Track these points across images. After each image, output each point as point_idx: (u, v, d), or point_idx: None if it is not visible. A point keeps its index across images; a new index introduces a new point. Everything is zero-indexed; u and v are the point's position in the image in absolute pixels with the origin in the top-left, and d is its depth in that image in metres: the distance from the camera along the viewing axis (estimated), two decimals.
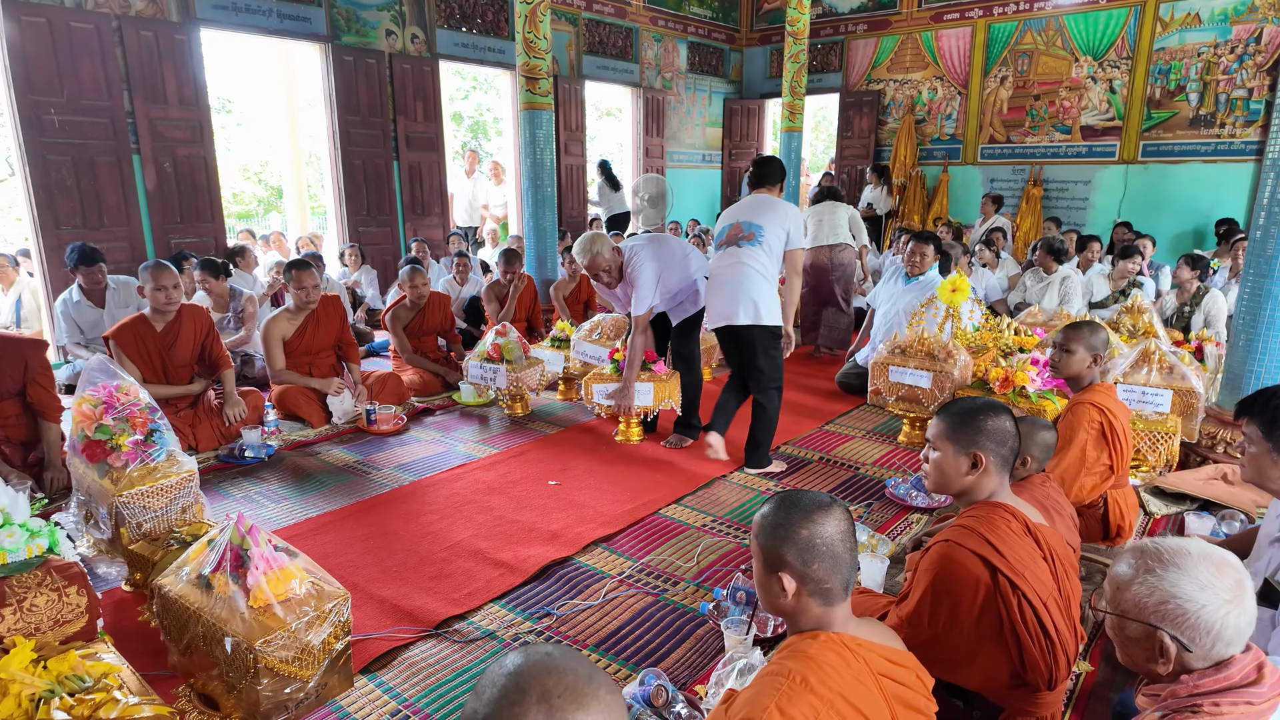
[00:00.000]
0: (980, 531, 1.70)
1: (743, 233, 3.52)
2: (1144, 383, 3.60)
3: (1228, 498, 3.16)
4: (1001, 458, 1.78)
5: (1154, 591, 1.22)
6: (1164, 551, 1.24)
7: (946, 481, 1.83)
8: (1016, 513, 1.76)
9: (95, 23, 5.72)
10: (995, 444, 1.77)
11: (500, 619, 2.45)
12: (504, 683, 0.83)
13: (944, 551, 1.71)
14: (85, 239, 5.47)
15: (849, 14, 10.76)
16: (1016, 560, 1.67)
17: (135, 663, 1.97)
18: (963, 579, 1.67)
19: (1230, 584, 1.20)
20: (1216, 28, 8.30)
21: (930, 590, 1.71)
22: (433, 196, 8.28)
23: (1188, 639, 1.20)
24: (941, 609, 1.70)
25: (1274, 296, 3.47)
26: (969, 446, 1.78)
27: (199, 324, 3.86)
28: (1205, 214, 8.55)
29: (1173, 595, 1.20)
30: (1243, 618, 1.19)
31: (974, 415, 1.79)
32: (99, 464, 2.49)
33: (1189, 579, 1.20)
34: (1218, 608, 1.19)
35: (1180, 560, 1.22)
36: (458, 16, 8.17)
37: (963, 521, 1.76)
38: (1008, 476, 1.83)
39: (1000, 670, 1.69)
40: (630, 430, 3.94)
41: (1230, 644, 1.20)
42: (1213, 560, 1.21)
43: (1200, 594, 1.19)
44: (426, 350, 5.13)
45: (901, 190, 10.50)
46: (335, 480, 3.55)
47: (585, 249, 3.80)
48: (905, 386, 3.97)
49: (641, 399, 3.83)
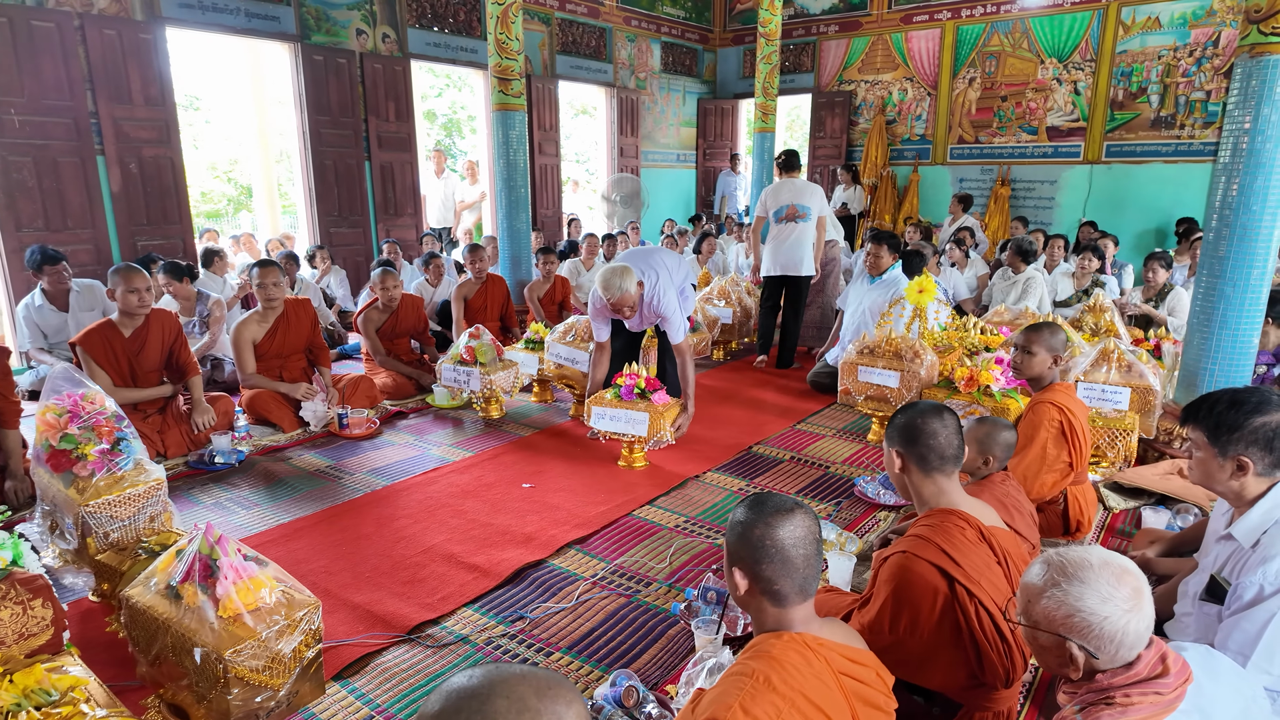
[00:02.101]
0: (936, 541, 1.75)
1: (798, 213, 5.42)
2: (1104, 381, 3.70)
3: (1183, 492, 3.25)
4: (919, 456, 1.85)
5: (1060, 605, 1.30)
6: (1067, 565, 1.32)
7: (897, 483, 1.95)
8: (970, 519, 1.81)
9: (57, 21, 5.61)
10: (906, 443, 1.86)
11: (474, 623, 2.46)
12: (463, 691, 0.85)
13: (902, 562, 1.75)
14: (48, 241, 5.38)
15: (820, 15, 10.86)
16: (972, 568, 1.72)
17: (103, 674, 1.95)
18: (921, 589, 1.72)
19: (1128, 593, 1.28)
20: (1176, 31, 8.51)
21: (891, 599, 1.76)
22: (405, 196, 8.23)
23: (1094, 647, 1.28)
24: (902, 617, 1.74)
25: (1226, 296, 3.57)
26: (889, 445, 1.91)
27: (167, 329, 3.82)
28: (1167, 213, 8.76)
29: (1077, 609, 1.28)
30: (1142, 623, 1.28)
31: (896, 417, 1.91)
32: (64, 474, 2.46)
33: (1091, 592, 1.28)
34: (1119, 618, 1.27)
35: (1083, 574, 1.29)
36: (429, 16, 8.12)
37: (918, 531, 1.80)
38: (949, 478, 1.87)
39: (958, 671, 1.74)
40: (634, 456, 3.75)
41: (1133, 647, 1.28)
42: (1112, 570, 1.29)
43: (1102, 606, 1.27)
44: (399, 352, 5.11)
45: (873, 190, 10.63)
46: (307, 485, 3.53)
47: (615, 286, 3.67)
48: (874, 386, 4.03)
49: (635, 429, 3.66)
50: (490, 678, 0.86)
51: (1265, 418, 1.78)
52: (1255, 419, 1.78)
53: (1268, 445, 1.77)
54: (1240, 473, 1.80)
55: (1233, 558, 1.82)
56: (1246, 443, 1.78)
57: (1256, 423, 1.78)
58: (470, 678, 0.86)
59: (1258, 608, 1.68)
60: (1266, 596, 1.67)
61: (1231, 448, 1.80)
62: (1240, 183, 3.45)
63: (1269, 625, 1.65)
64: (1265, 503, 1.79)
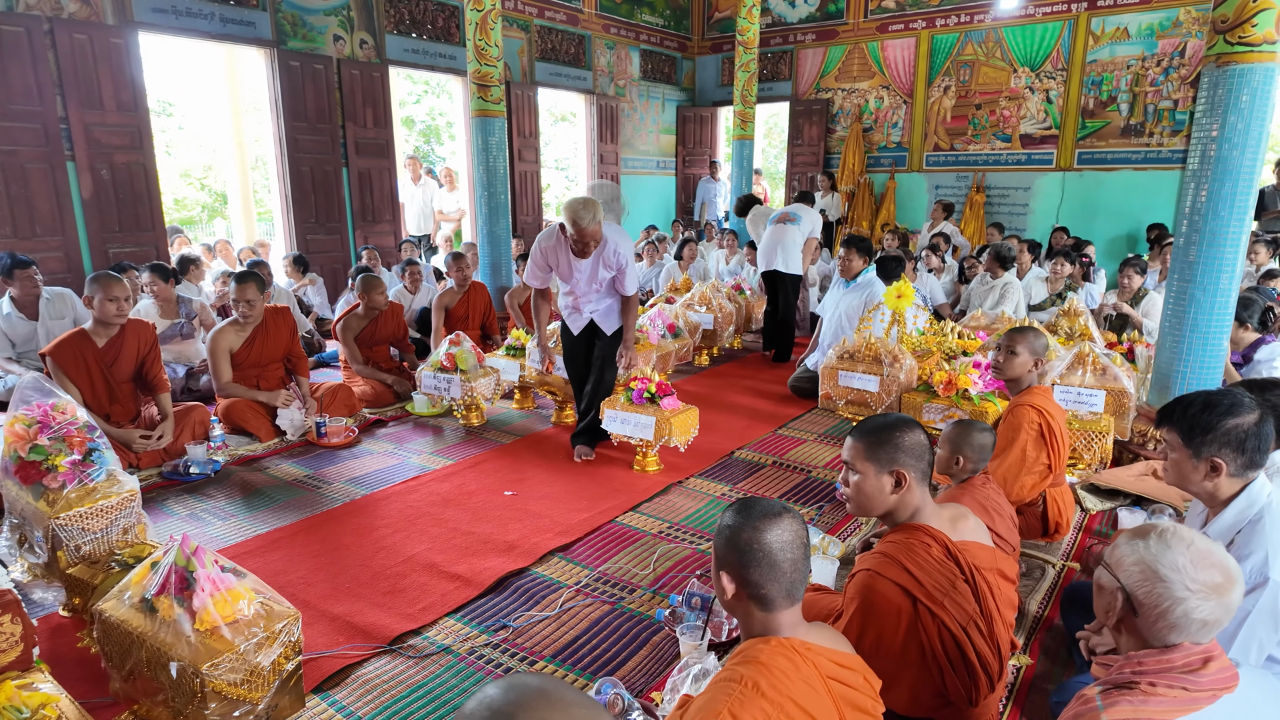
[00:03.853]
0: (900, 560, 1.72)
1: (790, 217, 6.00)
2: (1079, 384, 3.76)
3: (1158, 493, 3.31)
4: (921, 473, 1.78)
5: (1134, 552, 1.32)
6: (1169, 531, 1.32)
7: (870, 503, 1.79)
8: (937, 535, 1.77)
9: (26, 25, 5.51)
10: (915, 460, 1.75)
11: (456, 633, 2.43)
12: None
13: (866, 581, 1.73)
14: (16, 250, 5.27)
15: (797, 24, 10.96)
16: (935, 588, 1.70)
17: (74, 691, 1.91)
18: (884, 609, 1.70)
19: (1205, 579, 1.26)
20: (1144, 42, 8.70)
21: (857, 615, 1.74)
22: (383, 203, 8.17)
23: (1137, 603, 1.29)
24: (868, 634, 1.73)
25: (1197, 300, 3.65)
26: (890, 465, 1.75)
27: (143, 340, 3.75)
28: (1138, 219, 8.94)
29: (1143, 561, 1.29)
30: (1205, 613, 1.25)
31: (890, 433, 1.77)
32: (34, 485, 2.40)
33: (1169, 556, 1.28)
34: (1178, 590, 1.26)
35: (1175, 542, 1.30)
36: (407, 22, 8.09)
37: (883, 549, 1.77)
38: (928, 491, 1.84)
39: (925, 692, 1.74)
40: (647, 460, 3.75)
41: (1180, 631, 1.26)
42: (1203, 555, 1.28)
43: (1170, 573, 1.27)
44: (378, 360, 5.06)
45: (850, 197, 10.73)
46: (285, 495, 3.48)
47: (587, 218, 3.52)
48: (854, 390, 4.06)
49: (641, 432, 3.69)
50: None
51: (1237, 419, 1.81)
52: (1228, 421, 1.81)
53: (1239, 446, 1.80)
54: (1214, 474, 1.83)
55: None
56: (1219, 444, 1.81)
57: (1229, 424, 1.81)
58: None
59: None
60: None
61: (1205, 449, 1.83)
62: (1209, 189, 3.53)
63: (1243, 624, 1.67)
64: (1238, 503, 1.82)
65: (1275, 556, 1.69)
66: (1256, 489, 1.82)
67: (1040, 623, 2.48)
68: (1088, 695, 1.31)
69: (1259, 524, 1.76)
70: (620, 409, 3.72)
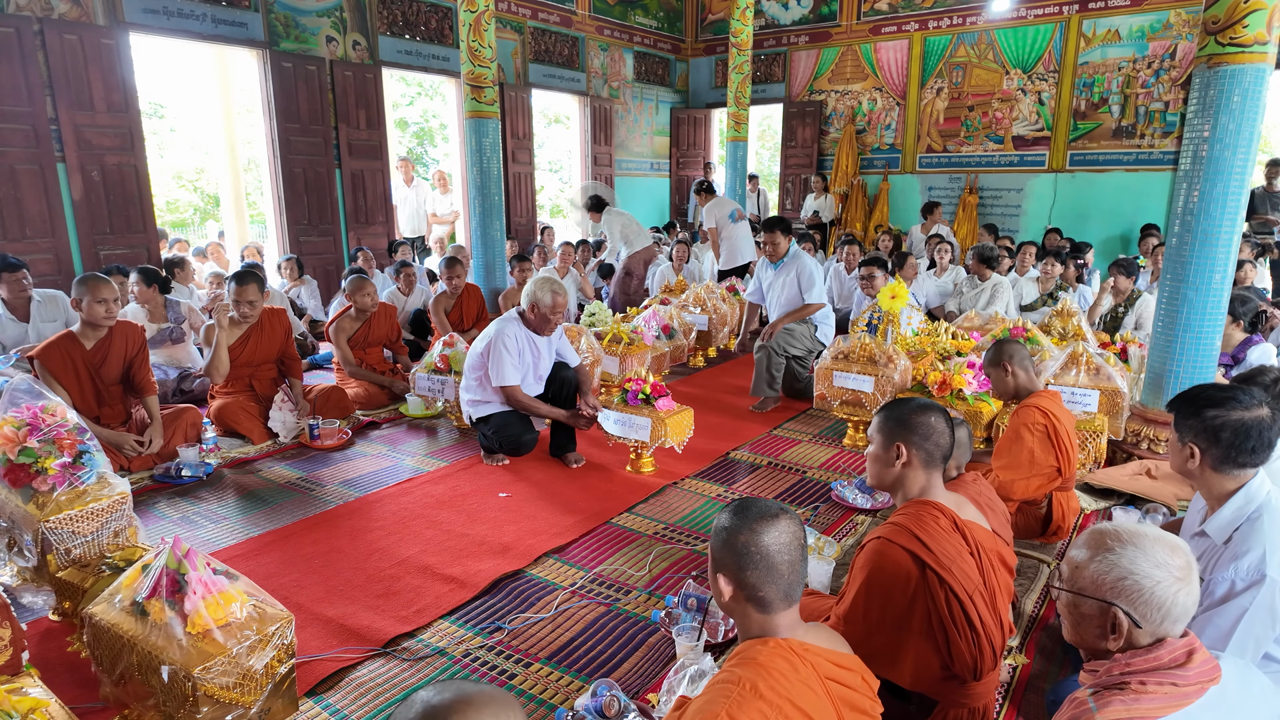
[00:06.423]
0: (910, 528, 1.78)
1: (742, 214, 6.78)
2: (1073, 384, 3.77)
3: (1152, 492, 3.32)
4: (926, 452, 1.87)
5: (1113, 568, 1.29)
6: (1122, 533, 1.32)
7: (877, 472, 1.93)
8: (945, 509, 1.84)
9: (15, 26, 5.47)
10: (919, 438, 1.86)
11: (450, 635, 2.42)
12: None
13: (877, 548, 1.78)
14: (7, 251, 5.23)
15: (791, 26, 10.98)
16: (944, 555, 1.74)
17: (64, 695, 1.89)
18: (894, 574, 1.74)
19: (1181, 564, 1.28)
20: (1135, 44, 8.75)
21: (865, 585, 1.78)
22: (376, 205, 8.14)
23: (1140, 615, 1.27)
24: (874, 603, 1.77)
25: (1190, 300, 3.66)
26: (893, 439, 1.88)
27: (131, 342, 3.72)
28: (1130, 220, 8.98)
29: (1130, 572, 1.28)
30: (1190, 597, 1.28)
31: (903, 411, 1.90)
32: (23, 488, 2.37)
33: (1145, 557, 1.28)
34: (1170, 585, 1.26)
35: (1138, 541, 1.30)
36: (400, 23, 8.07)
37: (894, 519, 1.84)
38: (938, 473, 1.91)
39: (930, 664, 1.76)
40: (642, 461, 3.73)
41: (1177, 621, 1.27)
42: (1166, 543, 1.30)
43: (1155, 571, 1.27)
44: (372, 362, 5.04)
45: (844, 198, 10.76)
46: (277, 498, 3.46)
47: (560, 301, 3.90)
48: (849, 391, 4.06)
49: (636, 433, 3.66)
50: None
51: (1219, 411, 1.84)
52: (1209, 410, 1.86)
53: (1214, 437, 1.84)
54: (1193, 460, 1.87)
55: (1206, 554, 1.85)
56: (1195, 431, 1.87)
57: (1209, 414, 1.85)
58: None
59: (1229, 603, 1.70)
60: (1238, 592, 1.70)
61: (1184, 435, 1.89)
62: (1201, 190, 3.54)
63: (1240, 621, 1.68)
64: (1236, 500, 1.83)
65: (1273, 554, 1.69)
66: (1255, 486, 1.83)
67: (1035, 622, 2.48)
68: (1080, 698, 1.31)
69: (1258, 521, 1.77)
70: (616, 410, 3.70)
